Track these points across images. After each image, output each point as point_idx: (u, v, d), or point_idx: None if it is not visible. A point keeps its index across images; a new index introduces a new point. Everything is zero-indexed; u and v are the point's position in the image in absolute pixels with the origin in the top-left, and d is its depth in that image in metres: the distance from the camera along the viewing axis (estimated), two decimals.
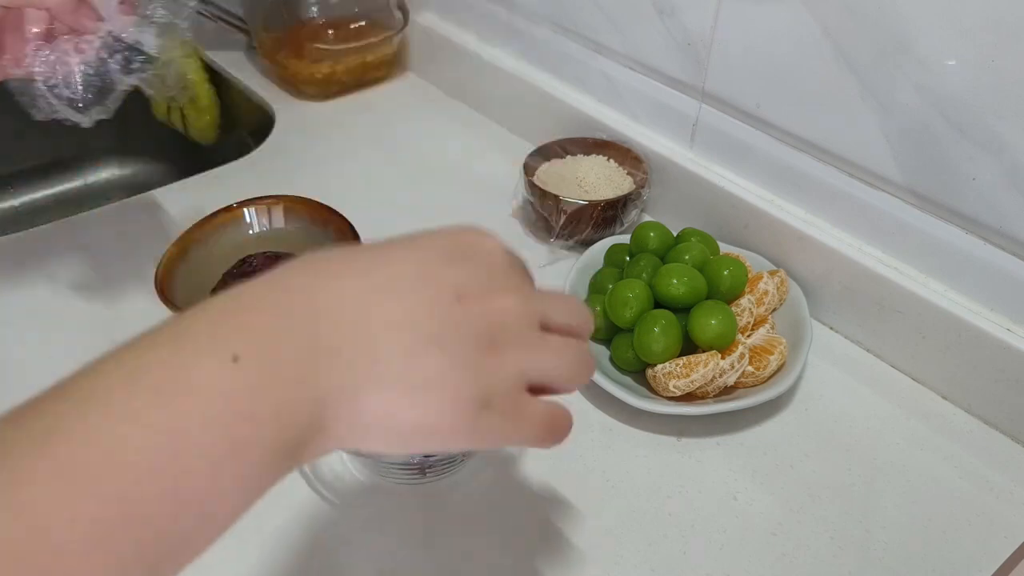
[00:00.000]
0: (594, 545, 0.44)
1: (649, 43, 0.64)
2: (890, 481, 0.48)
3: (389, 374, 0.27)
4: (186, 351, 0.24)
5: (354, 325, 0.27)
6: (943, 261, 0.52)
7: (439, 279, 0.29)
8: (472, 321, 0.29)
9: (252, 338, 0.25)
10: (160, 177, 1.04)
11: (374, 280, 0.28)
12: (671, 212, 0.67)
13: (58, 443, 0.22)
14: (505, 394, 0.29)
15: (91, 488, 0.22)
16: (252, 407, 0.24)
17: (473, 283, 0.29)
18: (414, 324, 0.28)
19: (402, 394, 0.27)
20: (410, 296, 0.28)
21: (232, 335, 0.25)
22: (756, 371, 0.51)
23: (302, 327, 0.26)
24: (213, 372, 0.24)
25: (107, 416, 0.23)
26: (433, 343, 0.27)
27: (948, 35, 0.46)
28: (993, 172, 0.47)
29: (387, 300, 0.28)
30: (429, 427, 0.27)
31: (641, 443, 0.50)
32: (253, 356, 0.24)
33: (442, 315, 0.28)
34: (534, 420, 0.30)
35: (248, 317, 0.26)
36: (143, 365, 0.24)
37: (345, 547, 0.44)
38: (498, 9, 0.77)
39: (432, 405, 0.27)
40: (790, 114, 0.56)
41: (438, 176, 0.74)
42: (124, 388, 0.23)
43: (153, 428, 0.23)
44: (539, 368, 0.30)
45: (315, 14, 0.86)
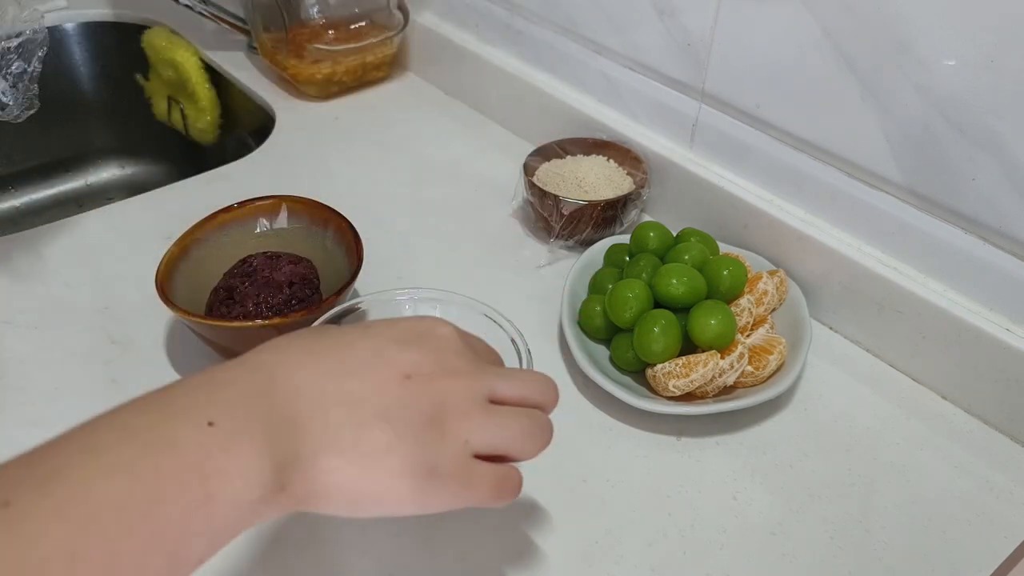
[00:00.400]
0: (594, 545, 0.44)
1: (649, 43, 0.64)
2: (890, 481, 0.48)
3: (339, 444, 0.30)
4: (170, 416, 0.28)
5: (310, 402, 0.31)
6: (943, 261, 0.52)
7: (390, 361, 0.33)
8: (419, 398, 0.32)
9: (223, 409, 0.29)
10: (160, 177, 1.04)
11: (330, 362, 0.32)
12: (671, 212, 0.67)
13: (59, 485, 0.25)
14: (451, 462, 0.32)
15: (86, 527, 0.25)
16: (223, 464, 0.28)
17: (422, 365, 0.33)
18: (364, 400, 0.31)
19: (351, 462, 0.30)
20: (362, 376, 0.32)
21: (207, 405, 0.29)
22: (756, 371, 0.51)
23: (264, 402, 0.30)
24: (191, 433, 0.28)
25: (101, 466, 0.26)
26: (381, 417, 0.31)
27: (948, 35, 0.46)
28: (993, 172, 0.47)
29: (341, 380, 0.32)
30: (377, 494, 0.31)
31: (641, 443, 0.50)
32: (224, 423, 0.28)
33: (391, 393, 0.32)
34: (482, 484, 0.33)
35: (220, 392, 0.30)
36: (134, 424, 0.28)
37: (345, 547, 0.44)
38: (498, 9, 0.77)
39: (380, 473, 0.31)
40: (790, 114, 0.56)
41: (438, 176, 0.74)
42: (117, 443, 0.27)
43: (140, 478, 0.26)
44: (484, 438, 0.33)
45: (315, 14, 0.86)
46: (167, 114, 0.97)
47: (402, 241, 0.66)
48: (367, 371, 0.32)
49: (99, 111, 1.02)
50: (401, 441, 0.31)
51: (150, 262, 0.53)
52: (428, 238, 0.66)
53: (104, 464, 0.26)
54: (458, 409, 0.33)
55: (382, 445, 0.31)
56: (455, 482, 0.32)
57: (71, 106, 1.00)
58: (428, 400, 0.32)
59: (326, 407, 0.31)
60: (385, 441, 0.31)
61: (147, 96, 0.98)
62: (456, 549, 0.44)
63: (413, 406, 0.32)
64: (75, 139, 1.02)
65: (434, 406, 0.32)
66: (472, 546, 0.44)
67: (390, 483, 0.31)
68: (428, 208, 0.70)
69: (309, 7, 0.85)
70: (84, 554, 0.24)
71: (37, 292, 0.60)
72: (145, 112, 0.99)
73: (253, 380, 0.31)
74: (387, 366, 0.33)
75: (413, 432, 0.31)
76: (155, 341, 0.56)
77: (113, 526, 0.25)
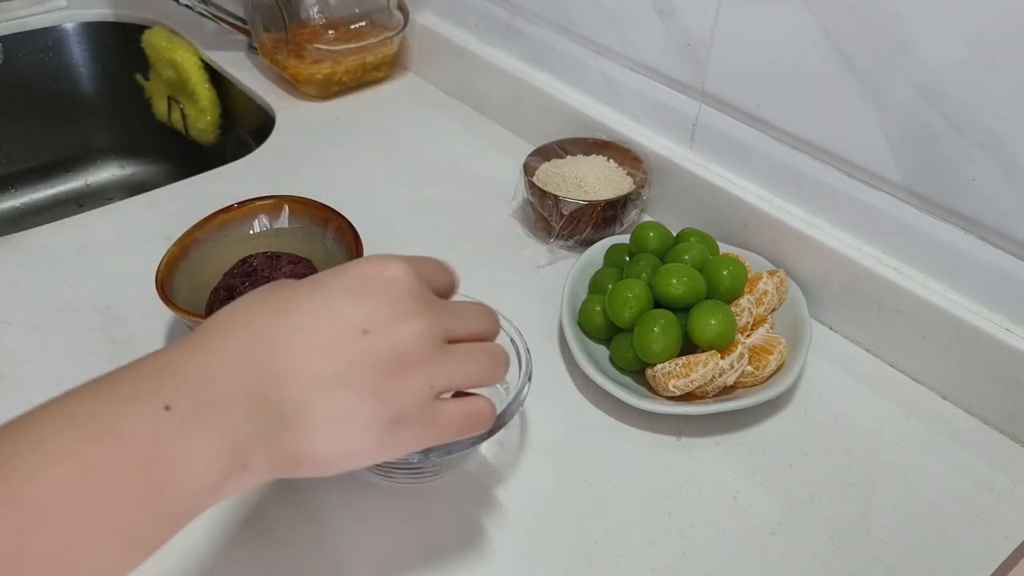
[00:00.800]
0: (594, 545, 0.44)
1: (649, 44, 0.64)
2: (890, 481, 0.48)
3: (301, 416, 0.30)
4: (123, 401, 0.28)
5: (266, 376, 0.30)
6: (943, 261, 0.52)
7: (344, 316, 0.32)
8: (378, 351, 0.32)
9: (178, 393, 0.28)
10: (160, 177, 1.04)
11: (283, 327, 0.31)
12: (671, 212, 0.67)
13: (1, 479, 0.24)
14: (415, 408, 0.32)
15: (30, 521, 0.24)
16: (179, 450, 0.27)
17: (377, 315, 0.32)
18: (322, 366, 0.31)
19: (316, 431, 0.30)
20: (318, 338, 0.31)
21: (161, 389, 0.28)
22: (756, 371, 0.51)
23: (220, 381, 0.29)
24: (145, 421, 0.27)
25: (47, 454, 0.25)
26: (342, 379, 0.31)
27: (948, 35, 0.46)
28: (993, 172, 0.47)
29: (297, 348, 0.31)
30: (345, 454, 0.31)
31: (641, 443, 0.50)
32: (181, 405, 0.28)
33: (349, 350, 0.31)
34: (449, 423, 0.34)
35: (174, 375, 0.29)
36: (81, 413, 0.27)
37: (345, 547, 0.44)
38: (498, 9, 0.77)
39: (345, 436, 0.31)
40: (790, 114, 0.56)
41: (438, 176, 0.74)
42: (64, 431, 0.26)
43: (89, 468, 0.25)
44: (446, 379, 0.34)
45: (315, 14, 0.86)
46: (167, 114, 0.97)
47: (402, 241, 0.66)
48: (322, 332, 0.31)
49: (99, 111, 1.02)
50: (363, 400, 0.31)
51: (150, 262, 0.53)
52: (428, 238, 0.66)
53: (50, 453, 0.25)
54: (418, 355, 0.32)
55: (345, 409, 0.31)
56: (421, 426, 0.33)
57: (71, 106, 1.00)
58: (388, 351, 0.32)
59: (285, 379, 0.30)
60: (348, 404, 0.31)
61: (147, 96, 0.98)
62: (456, 549, 0.44)
63: (373, 361, 0.31)
64: (75, 139, 1.02)
65: (394, 356, 0.32)
66: (472, 546, 0.44)
67: (357, 442, 0.31)
68: (428, 208, 0.70)
69: (309, 7, 0.85)
70: (32, 548, 0.24)
71: (37, 292, 0.60)
72: (145, 112, 0.99)
73: (207, 360, 0.30)
74: (342, 323, 0.32)
75: (375, 387, 0.31)
76: (155, 341, 0.56)
77: (60, 518, 0.25)
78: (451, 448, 0.43)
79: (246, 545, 0.44)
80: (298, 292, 0.33)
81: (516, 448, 0.50)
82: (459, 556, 0.44)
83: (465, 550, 0.44)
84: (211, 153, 0.95)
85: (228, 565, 0.43)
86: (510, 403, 0.44)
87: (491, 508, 0.46)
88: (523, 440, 0.50)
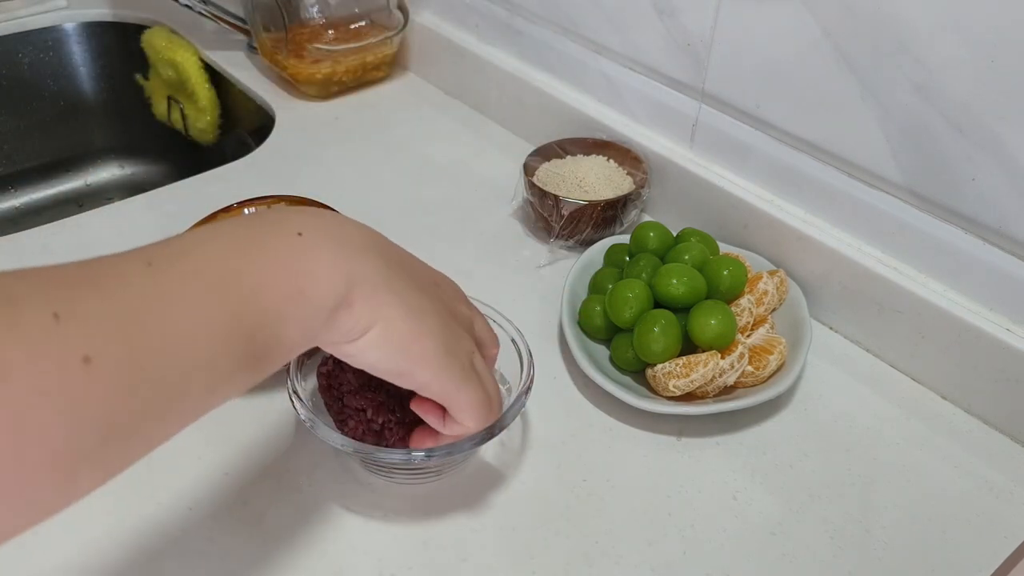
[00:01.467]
0: (594, 545, 0.44)
1: (649, 43, 0.64)
2: (890, 481, 0.48)
3: (396, 287, 0.35)
4: (262, 225, 0.33)
5: (375, 246, 0.36)
6: (943, 261, 0.52)
7: (424, 269, 0.40)
8: (444, 302, 0.39)
9: (308, 228, 0.33)
10: (160, 177, 1.04)
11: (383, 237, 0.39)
12: (671, 212, 0.67)
13: (189, 257, 0.29)
14: (463, 356, 0.38)
15: (214, 288, 0.29)
16: (311, 267, 0.32)
17: (446, 287, 0.41)
18: (411, 271, 0.38)
19: (404, 306, 0.35)
20: (407, 260, 0.39)
21: (294, 223, 0.34)
22: (756, 371, 0.51)
23: (338, 233, 0.35)
24: (283, 239, 0.32)
25: (218, 248, 0.31)
26: (422, 290, 0.37)
27: (948, 35, 0.46)
28: (993, 172, 0.47)
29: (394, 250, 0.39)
30: (414, 337, 0.35)
31: (641, 443, 0.50)
32: (309, 236, 0.33)
33: (427, 283, 0.38)
34: (481, 384, 0.39)
35: (301, 218, 0.34)
36: (233, 231, 0.32)
37: (345, 547, 0.44)
38: (498, 9, 0.77)
39: (420, 327, 0.36)
40: (790, 114, 0.56)
41: (438, 176, 0.74)
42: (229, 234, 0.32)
43: (250, 262, 0.31)
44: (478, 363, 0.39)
45: (315, 14, 0.86)
46: (167, 114, 0.97)
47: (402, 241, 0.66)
48: (409, 259, 0.39)
49: (99, 111, 1.02)
50: (436, 314, 0.37)
51: None
52: (428, 238, 0.66)
53: (220, 247, 0.30)
54: (467, 329, 0.40)
55: (424, 306, 0.36)
56: (461, 373, 0.38)
57: (71, 106, 1.00)
58: (449, 308, 0.39)
59: (384, 256, 0.36)
60: (426, 305, 0.37)
61: (147, 96, 0.98)
62: (456, 549, 0.44)
63: (440, 303, 0.38)
64: (75, 139, 1.02)
65: (453, 314, 0.39)
66: (472, 546, 0.44)
67: (425, 338, 0.36)
68: (428, 208, 0.70)
69: (309, 7, 0.85)
70: (214, 308, 0.29)
71: None
72: (145, 112, 0.99)
73: (327, 216, 0.36)
74: (421, 267, 0.40)
75: (442, 316, 0.38)
76: None
77: (234, 293, 0.29)
78: (452, 448, 0.43)
79: (246, 545, 0.44)
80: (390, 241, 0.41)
81: (516, 448, 0.50)
82: (459, 556, 0.44)
83: (465, 550, 0.44)
84: (211, 153, 0.95)
85: (228, 565, 0.43)
86: (512, 404, 0.44)
87: (491, 508, 0.46)
88: (523, 440, 0.50)
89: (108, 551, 0.43)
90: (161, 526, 0.44)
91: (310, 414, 0.43)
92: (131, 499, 0.46)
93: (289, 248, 0.32)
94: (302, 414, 0.43)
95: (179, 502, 0.46)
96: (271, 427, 0.50)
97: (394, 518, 0.46)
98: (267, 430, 0.50)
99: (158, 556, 0.43)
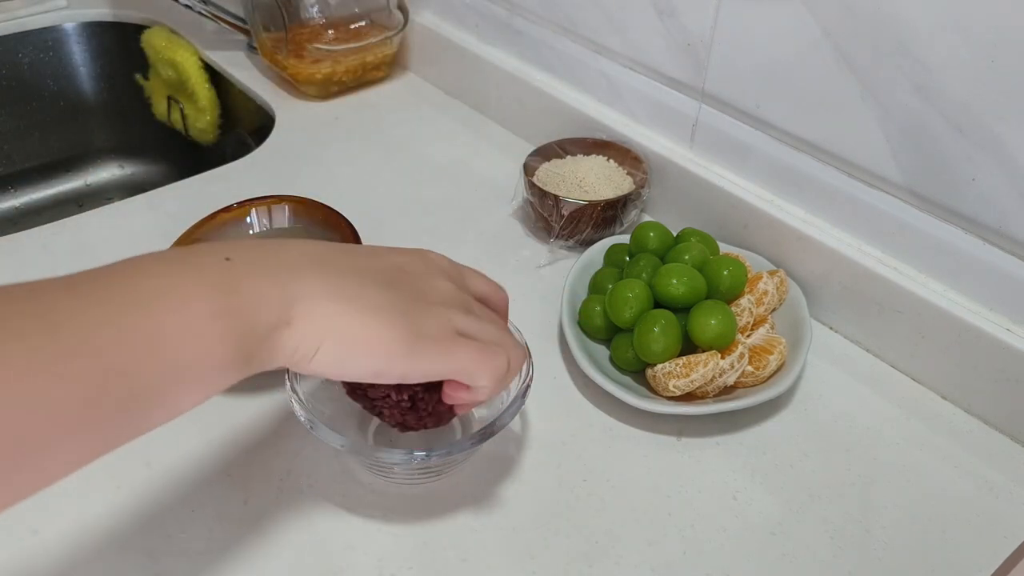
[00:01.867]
0: (594, 545, 0.44)
1: (649, 43, 0.64)
2: (890, 481, 0.48)
3: (343, 294, 0.35)
4: (192, 252, 0.33)
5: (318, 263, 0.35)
6: (943, 261, 0.52)
7: (385, 257, 0.39)
8: (410, 284, 0.38)
9: (238, 252, 0.33)
10: (160, 177, 1.04)
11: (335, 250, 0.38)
12: (671, 212, 0.67)
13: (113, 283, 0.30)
14: (436, 331, 0.36)
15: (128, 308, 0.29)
16: (242, 287, 0.32)
17: (413, 266, 0.39)
18: (366, 272, 0.37)
19: (355, 310, 0.34)
20: (364, 261, 0.38)
21: (223, 250, 0.33)
22: (756, 371, 0.51)
23: (274, 256, 0.34)
24: (212, 262, 0.32)
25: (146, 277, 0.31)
26: (381, 285, 0.36)
27: (948, 35, 0.46)
28: (993, 172, 0.47)
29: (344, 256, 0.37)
30: (371, 340, 0.34)
31: (641, 443, 0.50)
32: (240, 259, 0.33)
33: (387, 274, 0.37)
34: (462, 354, 0.37)
35: (233, 246, 0.34)
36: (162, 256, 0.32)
37: (345, 547, 0.44)
38: (498, 9, 0.77)
39: (376, 324, 0.35)
40: (790, 114, 0.56)
41: (438, 176, 0.74)
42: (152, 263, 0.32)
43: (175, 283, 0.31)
44: (466, 326, 0.38)
45: (315, 14, 0.86)
46: (167, 114, 0.97)
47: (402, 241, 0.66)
48: (364, 257, 0.38)
49: (99, 111, 1.02)
50: (395, 303, 0.36)
51: None
52: (428, 238, 0.66)
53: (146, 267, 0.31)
54: (442, 300, 0.38)
55: (379, 301, 0.35)
56: (438, 347, 0.36)
57: (71, 106, 1.00)
58: (417, 288, 0.38)
59: (330, 269, 0.35)
60: (382, 299, 0.35)
61: (147, 96, 0.98)
62: (456, 549, 0.44)
63: (407, 288, 0.37)
64: (75, 139, 1.02)
65: (423, 292, 0.38)
66: (472, 546, 0.44)
67: (383, 332, 0.35)
68: (428, 208, 0.70)
69: (309, 7, 0.85)
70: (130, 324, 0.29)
71: None
72: (145, 112, 0.99)
73: (266, 245, 0.35)
74: (383, 260, 0.38)
75: (405, 302, 0.36)
76: None
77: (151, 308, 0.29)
78: (452, 448, 0.43)
79: (246, 545, 0.44)
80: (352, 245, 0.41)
81: (516, 448, 0.50)
82: (459, 556, 0.44)
83: (465, 550, 0.44)
84: (211, 153, 0.95)
85: (228, 565, 0.43)
86: (511, 404, 0.44)
87: (491, 508, 0.46)
88: (523, 440, 0.50)
89: (108, 551, 0.43)
90: (162, 526, 0.44)
91: (310, 415, 0.43)
92: (131, 499, 0.46)
93: (218, 271, 0.32)
94: (302, 415, 0.43)
95: (180, 502, 0.46)
96: (271, 427, 0.50)
97: (394, 518, 0.46)
98: (267, 430, 0.50)
99: (156, 556, 0.43)
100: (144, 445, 0.48)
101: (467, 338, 0.38)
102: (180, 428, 0.49)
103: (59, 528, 0.44)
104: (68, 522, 0.44)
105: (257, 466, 0.48)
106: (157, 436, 0.49)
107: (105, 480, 0.46)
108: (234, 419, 0.50)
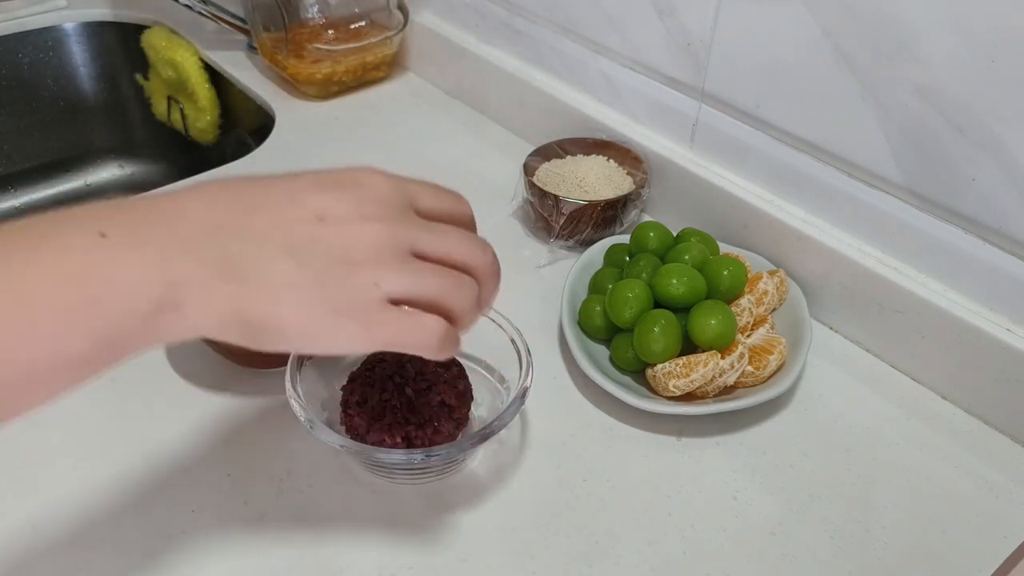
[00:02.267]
0: (594, 545, 0.44)
1: (649, 43, 0.64)
2: (890, 481, 0.48)
3: (239, 273, 0.30)
4: (63, 222, 0.30)
5: (213, 232, 0.31)
6: (943, 261, 0.52)
7: (304, 202, 0.33)
8: (328, 239, 0.32)
9: (120, 227, 0.30)
10: (160, 177, 1.04)
11: (243, 200, 0.33)
12: (671, 212, 0.67)
13: None
14: (355, 303, 0.32)
15: None
16: (108, 272, 0.29)
17: (338, 208, 0.33)
18: (268, 235, 0.32)
19: (250, 291, 0.30)
20: (271, 213, 0.32)
21: (104, 220, 0.30)
22: (756, 371, 0.51)
23: (165, 228, 0.30)
24: (79, 240, 0.29)
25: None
26: (285, 252, 0.31)
27: (948, 35, 0.46)
28: (993, 172, 0.47)
29: (249, 215, 0.32)
30: (277, 325, 0.31)
31: (641, 443, 0.50)
32: (118, 237, 0.29)
33: (299, 231, 0.32)
34: (385, 327, 0.32)
35: (122, 213, 0.30)
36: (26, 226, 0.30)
37: (345, 547, 0.44)
38: (498, 9, 0.77)
39: (279, 305, 0.31)
40: (790, 114, 0.56)
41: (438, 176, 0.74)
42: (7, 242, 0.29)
43: (16, 272, 0.28)
44: (398, 286, 0.32)
45: (315, 14, 0.86)
46: (167, 114, 0.97)
47: None
48: (278, 209, 0.32)
49: (99, 111, 1.02)
50: (303, 276, 0.31)
51: None
52: None
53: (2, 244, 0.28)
54: (369, 253, 0.32)
55: (283, 278, 0.31)
56: (356, 323, 0.32)
57: (71, 106, 1.00)
58: (339, 242, 0.32)
59: (228, 239, 0.31)
60: (286, 274, 0.31)
61: (147, 96, 0.98)
62: (456, 549, 0.44)
63: (321, 245, 0.32)
64: (75, 139, 1.02)
65: (344, 248, 0.32)
66: (472, 546, 0.44)
67: (289, 315, 0.31)
68: None
69: (309, 7, 0.85)
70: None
71: None
72: (145, 112, 0.99)
73: (160, 209, 0.31)
74: (300, 207, 0.33)
75: (317, 270, 0.31)
76: None
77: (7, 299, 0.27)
78: (452, 448, 0.43)
79: (246, 545, 0.44)
80: (275, 177, 0.35)
81: (516, 448, 0.50)
82: (459, 556, 0.44)
83: (465, 550, 0.44)
84: (211, 153, 0.95)
85: (227, 565, 0.43)
86: (511, 403, 0.44)
87: (491, 508, 0.46)
88: (523, 440, 0.50)
89: (109, 551, 0.43)
90: (162, 526, 0.44)
91: (310, 415, 0.43)
92: (131, 499, 0.46)
93: (85, 252, 0.29)
94: (302, 415, 0.43)
95: (180, 502, 0.46)
96: (271, 427, 0.50)
97: (394, 518, 0.46)
98: (267, 430, 0.50)
99: (156, 556, 0.43)
100: (144, 445, 0.49)
101: (396, 308, 0.33)
102: (180, 428, 0.50)
103: (59, 527, 0.44)
104: (68, 521, 0.44)
105: (257, 466, 0.48)
106: (157, 436, 0.49)
107: (105, 480, 0.46)
108: (234, 419, 0.50)
